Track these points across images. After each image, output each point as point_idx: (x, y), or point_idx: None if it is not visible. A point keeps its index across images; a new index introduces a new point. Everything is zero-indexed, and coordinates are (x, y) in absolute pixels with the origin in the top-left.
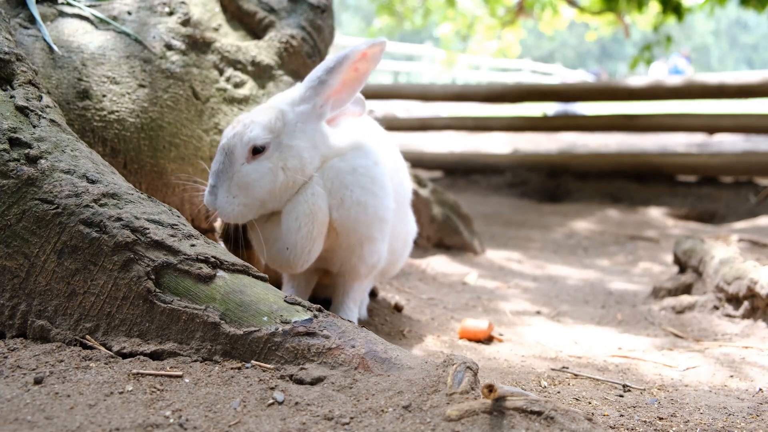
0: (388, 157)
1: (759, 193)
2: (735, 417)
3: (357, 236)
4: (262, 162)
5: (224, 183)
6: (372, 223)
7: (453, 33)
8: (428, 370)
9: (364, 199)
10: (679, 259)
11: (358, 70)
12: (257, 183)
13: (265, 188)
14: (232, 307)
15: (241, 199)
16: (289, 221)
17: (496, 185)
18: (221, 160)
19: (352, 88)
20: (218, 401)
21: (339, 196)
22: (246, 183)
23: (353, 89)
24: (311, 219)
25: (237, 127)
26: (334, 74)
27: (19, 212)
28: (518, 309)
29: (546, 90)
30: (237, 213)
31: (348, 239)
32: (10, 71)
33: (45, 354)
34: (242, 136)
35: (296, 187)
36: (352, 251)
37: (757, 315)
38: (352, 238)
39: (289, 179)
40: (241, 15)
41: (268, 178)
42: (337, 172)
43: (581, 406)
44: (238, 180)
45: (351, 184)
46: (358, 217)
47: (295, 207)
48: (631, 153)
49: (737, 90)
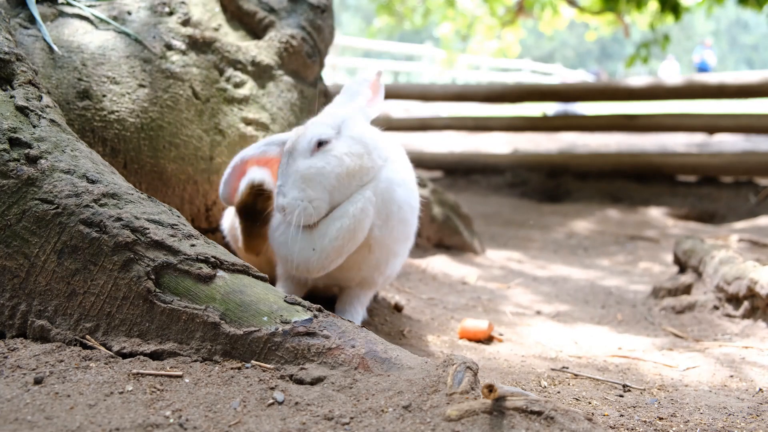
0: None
1: (759, 193)
2: (735, 417)
3: (387, 253)
4: (324, 151)
5: (290, 178)
6: (404, 241)
7: (453, 33)
8: (428, 370)
9: (407, 217)
10: (679, 259)
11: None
12: (324, 170)
13: (333, 174)
14: (232, 307)
15: (310, 192)
16: (329, 227)
17: (496, 185)
18: (285, 161)
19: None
20: (218, 401)
21: (386, 213)
22: (313, 173)
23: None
24: (350, 236)
25: (299, 131)
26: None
27: (19, 212)
28: (518, 309)
29: (546, 90)
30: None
31: (378, 255)
32: (10, 71)
33: (45, 354)
34: (304, 135)
35: (365, 173)
36: (377, 266)
37: (757, 315)
38: (383, 254)
39: (356, 164)
40: (241, 15)
41: (334, 163)
42: (389, 184)
43: (581, 406)
44: (304, 171)
45: (400, 200)
46: (397, 236)
47: (340, 217)
48: (631, 153)
49: (737, 90)
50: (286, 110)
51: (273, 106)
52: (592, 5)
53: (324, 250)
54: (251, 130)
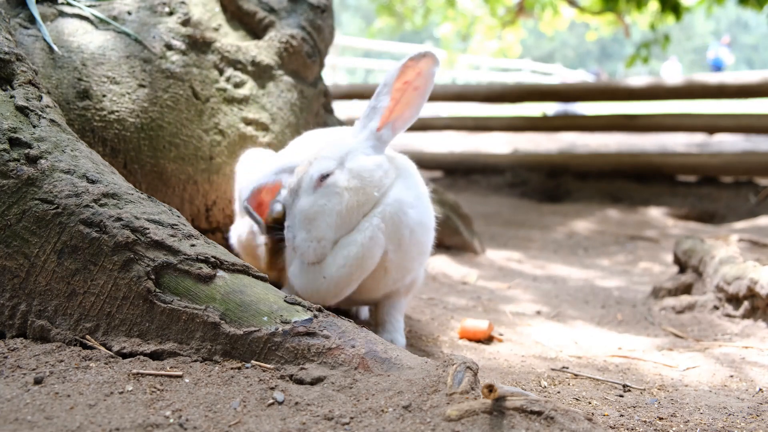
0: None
1: (759, 193)
2: (735, 417)
3: (404, 271)
4: (326, 187)
5: (296, 218)
6: (420, 257)
7: (453, 33)
8: (428, 370)
9: (420, 239)
10: (679, 259)
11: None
12: (325, 207)
13: (334, 212)
14: (232, 307)
15: (315, 232)
16: (336, 255)
17: (496, 185)
18: (291, 200)
19: (411, 105)
20: (218, 401)
21: (398, 238)
22: (315, 211)
23: (413, 106)
24: (358, 264)
25: (302, 169)
26: (380, 97)
27: (19, 212)
28: (518, 309)
29: (546, 90)
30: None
31: (395, 275)
32: (10, 71)
33: (45, 354)
34: (308, 172)
35: (367, 204)
36: (395, 283)
37: (757, 315)
38: (399, 273)
39: (354, 199)
40: (241, 15)
41: (335, 201)
42: (399, 206)
43: (581, 406)
44: (307, 211)
45: (412, 223)
46: (413, 255)
47: (348, 245)
48: (631, 153)
49: (737, 90)
50: (286, 110)
51: (273, 106)
52: (592, 5)
53: (332, 278)
54: (251, 130)
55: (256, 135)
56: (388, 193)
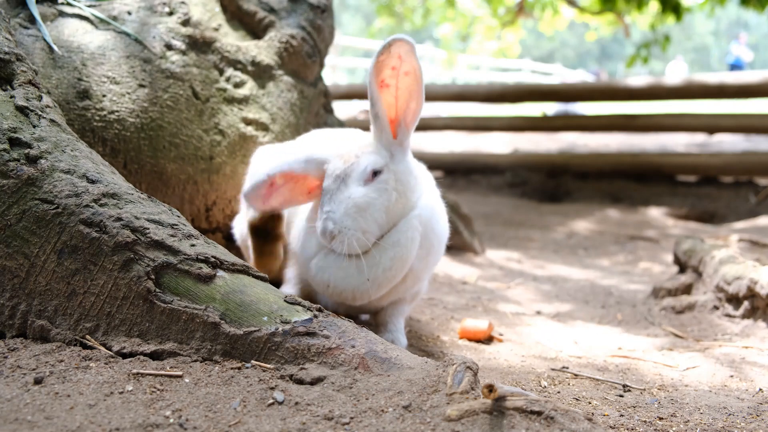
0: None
1: (759, 193)
2: (735, 417)
3: (416, 280)
4: (378, 183)
5: (341, 207)
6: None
7: (453, 33)
8: (428, 370)
9: (441, 249)
10: (679, 259)
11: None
12: (376, 201)
13: (383, 207)
14: (232, 307)
15: (362, 222)
16: (382, 256)
17: (496, 185)
18: (335, 188)
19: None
20: (218, 401)
21: (428, 245)
22: (365, 203)
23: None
24: (402, 265)
25: (350, 159)
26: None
27: (19, 212)
28: (518, 309)
29: (546, 90)
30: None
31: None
32: (10, 71)
33: (45, 354)
34: (359, 163)
35: (405, 210)
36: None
37: (757, 315)
38: (412, 281)
39: (400, 201)
40: (241, 15)
41: (384, 197)
42: (432, 214)
43: (581, 406)
44: (356, 200)
45: (440, 233)
46: (430, 265)
47: (393, 246)
48: (631, 153)
49: (737, 90)
50: (286, 110)
51: (273, 106)
52: (592, 5)
53: (377, 279)
54: (251, 130)
55: (256, 135)
56: (422, 198)
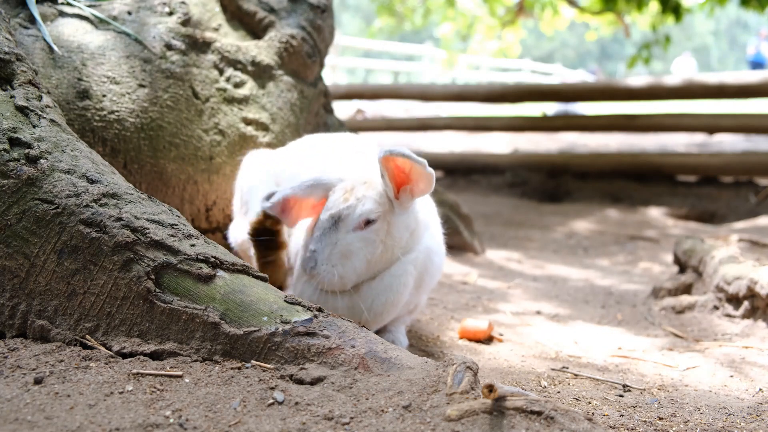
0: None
1: (759, 193)
2: (735, 417)
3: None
4: (368, 233)
5: (326, 249)
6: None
7: (453, 33)
8: (428, 370)
9: (437, 277)
10: (679, 259)
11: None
12: (360, 251)
13: (365, 258)
14: (232, 307)
15: (340, 268)
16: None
17: (496, 185)
18: (328, 227)
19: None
20: (218, 401)
21: (420, 282)
22: (349, 251)
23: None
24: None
25: (350, 199)
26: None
27: (19, 212)
28: (518, 309)
29: (546, 90)
30: (336, 281)
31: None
32: (10, 71)
33: (45, 354)
34: (356, 208)
35: (389, 262)
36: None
37: (757, 315)
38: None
39: (385, 253)
40: (241, 15)
41: (369, 249)
42: (428, 254)
43: (581, 406)
44: (342, 248)
45: (434, 270)
46: (423, 297)
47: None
48: (631, 153)
49: (737, 90)
50: (286, 110)
51: (273, 106)
52: (592, 5)
53: (367, 323)
54: (251, 130)
55: (256, 135)
56: (420, 241)
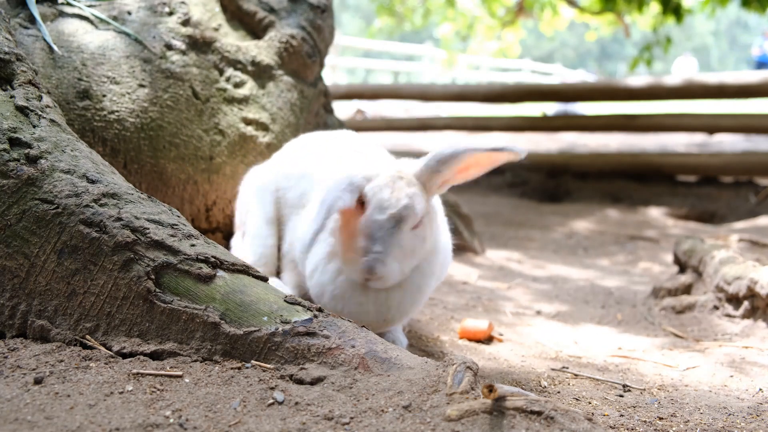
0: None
1: (759, 193)
2: (735, 417)
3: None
4: (420, 230)
5: (394, 250)
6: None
7: (453, 33)
8: (428, 370)
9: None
10: (679, 259)
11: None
12: (419, 248)
13: (420, 254)
14: (232, 307)
15: (404, 267)
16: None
17: (496, 185)
18: (390, 227)
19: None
20: (218, 401)
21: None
22: (412, 249)
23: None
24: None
25: (401, 197)
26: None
27: (19, 212)
28: (518, 309)
29: (546, 90)
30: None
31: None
32: (10, 71)
33: (45, 354)
34: (413, 208)
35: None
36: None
37: (757, 315)
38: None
39: (427, 246)
40: (241, 15)
41: (424, 245)
42: (446, 254)
43: (581, 406)
44: (407, 246)
45: (446, 264)
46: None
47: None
48: (631, 153)
49: (737, 90)
50: (286, 110)
51: (273, 106)
52: (591, 5)
53: (393, 319)
54: (251, 130)
55: (256, 135)
56: (439, 239)
